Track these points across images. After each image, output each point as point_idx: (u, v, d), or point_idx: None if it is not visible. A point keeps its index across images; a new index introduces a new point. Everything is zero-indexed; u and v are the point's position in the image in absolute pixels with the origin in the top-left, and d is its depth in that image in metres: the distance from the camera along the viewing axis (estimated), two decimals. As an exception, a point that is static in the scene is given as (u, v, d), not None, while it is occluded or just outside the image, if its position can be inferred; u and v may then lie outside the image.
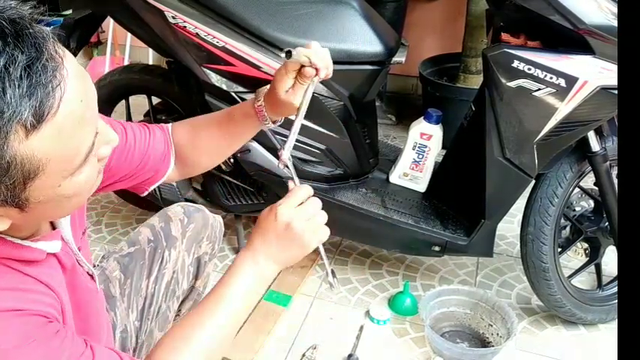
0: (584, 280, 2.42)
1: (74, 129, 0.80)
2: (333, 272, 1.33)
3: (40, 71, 0.75)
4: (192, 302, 1.67)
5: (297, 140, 2.10)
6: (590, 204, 2.19)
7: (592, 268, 2.24)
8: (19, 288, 0.90)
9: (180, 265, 1.57)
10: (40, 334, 0.88)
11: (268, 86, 1.38)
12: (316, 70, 1.34)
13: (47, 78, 0.75)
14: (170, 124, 1.43)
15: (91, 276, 1.19)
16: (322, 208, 1.27)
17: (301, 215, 1.21)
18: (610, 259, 2.28)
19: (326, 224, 1.28)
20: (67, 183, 0.84)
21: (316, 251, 1.29)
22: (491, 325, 2.15)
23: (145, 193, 1.45)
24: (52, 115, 0.76)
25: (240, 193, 2.31)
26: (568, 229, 2.19)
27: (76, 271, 1.10)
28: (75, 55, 2.52)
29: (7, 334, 0.85)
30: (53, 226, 1.06)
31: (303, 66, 1.34)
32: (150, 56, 4.40)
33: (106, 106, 2.53)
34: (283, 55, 1.35)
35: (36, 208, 0.84)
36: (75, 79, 0.80)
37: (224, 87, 2.05)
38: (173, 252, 1.55)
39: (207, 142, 1.44)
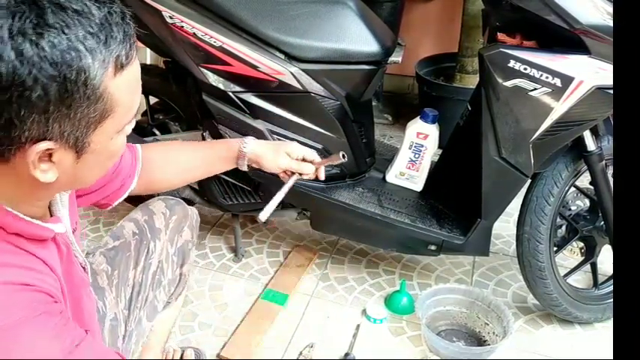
0: (579, 279, 2.42)
1: (137, 84, 0.96)
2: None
3: (129, 24, 0.91)
4: (181, 288, 1.73)
5: (293, 140, 2.11)
6: (586, 203, 2.20)
7: (588, 267, 2.25)
8: (27, 266, 0.94)
9: (164, 256, 1.63)
10: (47, 309, 0.92)
11: (255, 144, 1.58)
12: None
13: (131, 31, 0.92)
14: (140, 145, 1.48)
15: (84, 268, 1.23)
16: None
17: None
18: (605, 258, 2.28)
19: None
20: (115, 139, 0.96)
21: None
22: (488, 324, 2.16)
23: (109, 208, 1.47)
24: (131, 62, 0.91)
25: (237, 192, 2.31)
26: (564, 228, 2.20)
27: (71, 260, 1.14)
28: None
29: (15, 306, 0.88)
30: (51, 215, 1.11)
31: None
32: (147, 56, 4.39)
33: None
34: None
35: (87, 160, 0.94)
36: None
37: (221, 86, 2.05)
38: (158, 243, 1.62)
39: (176, 169, 1.55)
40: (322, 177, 1.65)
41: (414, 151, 2.28)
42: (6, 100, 0.82)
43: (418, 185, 2.33)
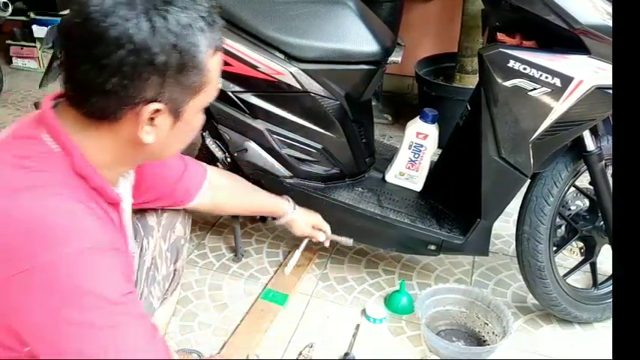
0: (579, 279, 2.42)
1: (219, 73, 1.14)
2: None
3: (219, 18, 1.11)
4: (175, 284, 1.76)
5: (293, 139, 2.12)
6: (586, 203, 2.20)
7: (587, 266, 2.24)
8: (102, 215, 1.11)
9: (158, 252, 1.66)
10: (120, 248, 1.10)
11: (297, 214, 2.06)
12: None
13: (222, 23, 1.11)
14: (210, 167, 1.77)
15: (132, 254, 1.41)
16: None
17: None
18: (605, 258, 2.28)
19: None
20: (198, 115, 1.17)
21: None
22: (487, 324, 2.16)
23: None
24: (220, 48, 1.11)
25: (237, 192, 2.31)
26: (563, 228, 2.20)
27: (125, 237, 1.28)
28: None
29: (95, 231, 1.05)
30: None
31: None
32: (146, 56, 4.39)
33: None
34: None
35: (177, 128, 1.12)
36: None
37: (221, 86, 2.04)
38: (151, 240, 1.64)
39: (238, 202, 1.92)
40: (327, 244, 2.19)
41: (414, 151, 2.28)
42: (136, 62, 0.99)
43: (418, 185, 2.34)
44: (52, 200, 1.01)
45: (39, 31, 4.67)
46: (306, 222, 2.07)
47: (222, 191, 1.78)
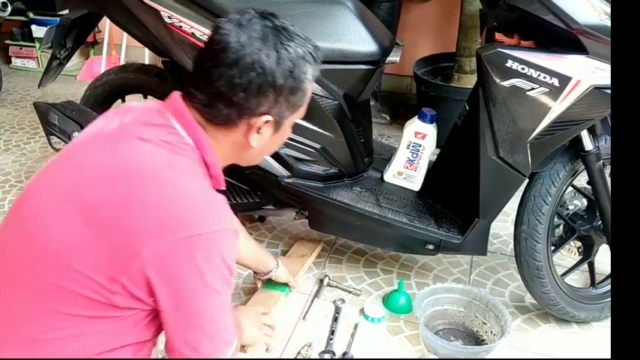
0: (577, 279, 2.43)
1: (308, 97, 1.39)
2: None
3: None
4: None
5: (292, 139, 2.12)
6: (584, 203, 2.20)
7: (585, 266, 2.25)
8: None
9: None
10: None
11: (279, 272, 2.24)
12: None
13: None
14: None
15: None
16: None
17: None
18: (603, 258, 2.29)
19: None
20: (289, 130, 1.44)
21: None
22: (485, 323, 2.16)
23: None
24: (316, 78, 1.39)
25: (236, 191, 2.31)
26: (561, 227, 2.20)
27: None
28: (71, 54, 2.53)
29: (229, 217, 1.31)
30: None
31: None
32: (146, 56, 4.41)
33: (102, 106, 2.54)
34: None
35: (276, 137, 1.39)
36: None
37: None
38: None
39: None
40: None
41: (412, 151, 2.29)
42: (261, 83, 1.25)
43: (416, 185, 2.34)
44: (199, 182, 1.28)
45: (38, 31, 4.67)
46: (287, 276, 2.28)
47: None
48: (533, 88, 1.78)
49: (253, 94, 1.26)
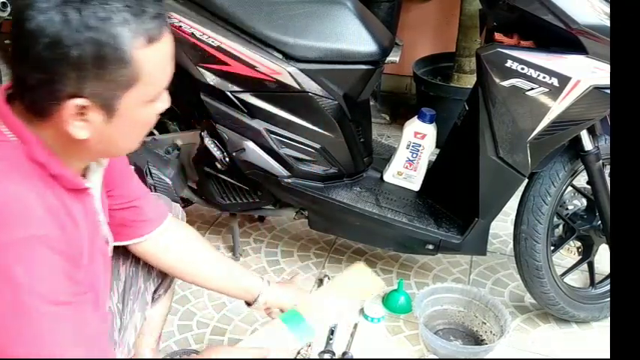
0: (576, 278, 2.43)
1: (167, 62, 1.07)
2: None
3: (162, 7, 1.05)
4: (168, 281, 1.71)
5: (292, 139, 2.12)
6: (583, 202, 2.20)
7: (585, 266, 2.25)
8: (57, 205, 1.05)
9: None
10: (63, 249, 1.03)
11: (269, 295, 1.66)
12: None
13: (163, 12, 1.04)
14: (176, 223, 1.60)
15: (106, 242, 1.30)
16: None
17: None
18: (602, 258, 2.29)
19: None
20: (145, 109, 1.08)
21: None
22: (485, 323, 2.16)
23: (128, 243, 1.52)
24: (160, 39, 1.03)
25: (236, 191, 2.31)
26: (561, 227, 2.20)
27: (96, 227, 1.23)
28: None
29: (40, 220, 1.01)
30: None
31: None
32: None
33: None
34: None
35: (117, 124, 1.06)
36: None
37: (219, 86, 2.05)
38: None
39: (196, 272, 1.64)
40: None
41: (412, 151, 2.29)
42: (50, 57, 0.96)
43: (416, 185, 2.34)
44: (2, 186, 1.00)
45: (37, 30, 4.66)
46: (290, 299, 1.67)
47: (181, 245, 1.59)
48: (532, 88, 1.78)
49: (47, 72, 0.98)
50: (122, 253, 1.56)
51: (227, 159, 2.19)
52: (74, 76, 0.98)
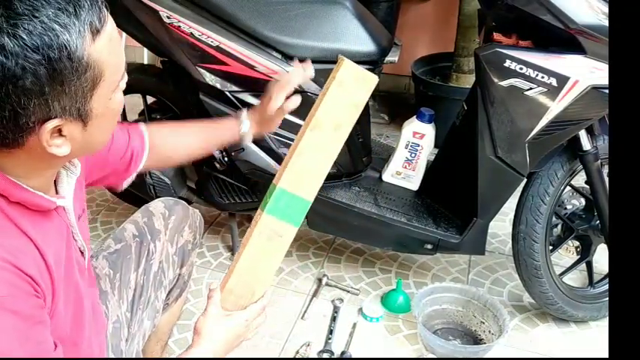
0: (575, 278, 2.43)
1: (116, 41, 0.98)
2: None
3: None
4: (179, 290, 1.71)
5: (291, 139, 2.12)
6: (582, 202, 2.21)
7: (583, 265, 2.25)
8: (14, 246, 0.98)
9: (165, 256, 1.62)
10: (18, 307, 0.94)
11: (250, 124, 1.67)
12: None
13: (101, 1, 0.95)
14: (144, 127, 1.55)
15: (82, 252, 1.24)
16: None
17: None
18: (601, 257, 2.29)
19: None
20: (113, 98, 1.01)
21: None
22: (483, 323, 2.16)
23: (122, 188, 1.57)
24: (104, 25, 0.94)
25: (234, 191, 2.32)
26: (559, 227, 2.21)
27: (70, 241, 1.17)
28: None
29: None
30: (57, 192, 1.14)
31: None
32: (145, 56, 4.39)
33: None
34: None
35: (93, 125, 0.99)
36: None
37: (218, 86, 2.06)
38: (158, 244, 1.60)
39: (185, 149, 1.65)
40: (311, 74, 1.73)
41: (411, 151, 2.29)
42: (4, 94, 0.87)
43: (414, 184, 2.34)
44: None
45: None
46: (270, 120, 1.67)
47: (163, 140, 1.58)
48: (531, 88, 1.78)
49: (2, 109, 0.88)
50: (133, 262, 1.56)
51: (226, 159, 2.20)
52: (37, 103, 0.90)
